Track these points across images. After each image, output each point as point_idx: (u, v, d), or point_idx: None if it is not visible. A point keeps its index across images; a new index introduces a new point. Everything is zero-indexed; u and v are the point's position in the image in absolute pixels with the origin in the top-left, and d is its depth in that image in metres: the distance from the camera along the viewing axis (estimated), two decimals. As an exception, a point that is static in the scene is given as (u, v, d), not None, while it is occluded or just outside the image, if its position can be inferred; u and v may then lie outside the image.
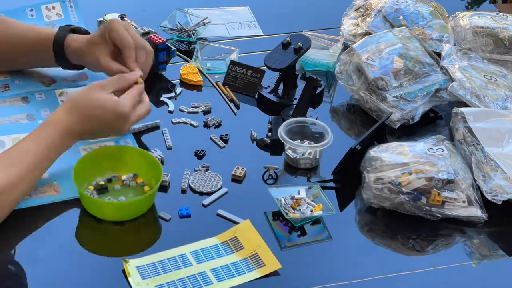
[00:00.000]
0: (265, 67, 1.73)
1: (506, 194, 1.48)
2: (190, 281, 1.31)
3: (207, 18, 1.96)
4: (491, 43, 1.82)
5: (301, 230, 1.43)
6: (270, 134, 1.64)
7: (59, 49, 1.63)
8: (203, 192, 1.50)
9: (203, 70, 1.83)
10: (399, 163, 1.48)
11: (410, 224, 1.46)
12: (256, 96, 1.77)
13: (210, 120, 1.68)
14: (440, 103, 1.72)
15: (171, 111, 1.71)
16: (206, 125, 1.67)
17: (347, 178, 1.55)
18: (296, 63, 1.76)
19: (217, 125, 1.67)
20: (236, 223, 1.43)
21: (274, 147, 1.62)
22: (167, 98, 1.74)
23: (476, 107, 1.65)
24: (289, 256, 1.38)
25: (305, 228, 1.44)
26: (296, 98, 1.72)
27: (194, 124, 1.67)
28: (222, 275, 1.33)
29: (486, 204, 1.48)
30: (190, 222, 1.44)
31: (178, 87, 1.78)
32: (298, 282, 1.35)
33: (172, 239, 1.39)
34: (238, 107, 1.74)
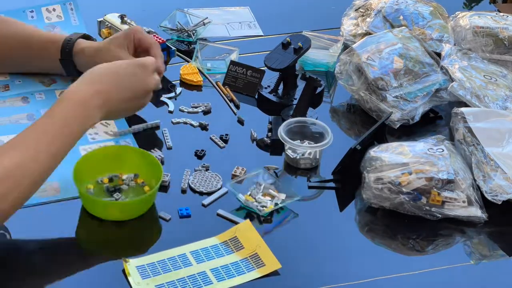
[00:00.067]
0: (265, 67, 1.73)
1: (506, 194, 1.48)
2: (190, 281, 1.31)
3: (207, 18, 1.96)
4: (491, 43, 1.82)
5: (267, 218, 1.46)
6: (270, 134, 1.64)
7: (68, 49, 1.63)
8: (203, 192, 1.50)
9: (203, 70, 1.83)
10: (399, 163, 1.48)
11: (410, 224, 1.46)
12: (256, 96, 1.77)
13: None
14: (440, 103, 1.72)
15: (171, 111, 1.71)
16: (203, 127, 1.67)
17: (347, 178, 1.55)
18: (296, 63, 1.76)
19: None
20: (236, 223, 1.43)
21: (274, 147, 1.62)
22: (167, 98, 1.74)
23: (476, 107, 1.65)
24: (289, 256, 1.38)
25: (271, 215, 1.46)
26: (296, 98, 1.72)
27: (194, 124, 1.67)
28: (222, 275, 1.33)
29: (486, 204, 1.48)
30: (190, 222, 1.44)
31: (178, 87, 1.78)
32: (298, 282, 1.35)
33: (172, 239, 1.39)
34: (238, 107, 1.74)
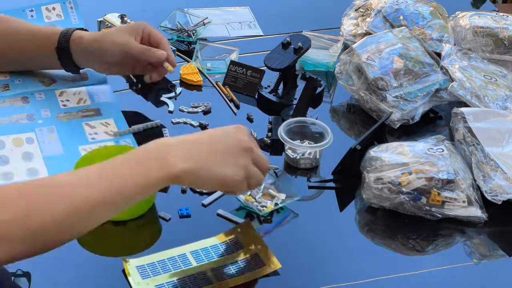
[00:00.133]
0: (265, 67, 1.73)
1: (506, 194, 1.48)
2: (190, 281, 1.31)
3: (207, 18, 1.96)
4: (491, 43, 1.82)
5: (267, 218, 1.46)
6: (270, 134, 1.64)
7: (66, 38, 1.63)
8: (203, 192, 1.50)
9: (203, 70, 1.83)
10: (399, 163, 1.48)
11: (410, 224, 1.46)
12: (256, 96, 1.77)
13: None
14: (440, 103, 1.72)
15: (171, 111, 1.71)
16: (203, 127, 1.67)
17: (347, 178, 1.55)
18: (296, 63, 1.76)
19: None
20: (236, 223, 1.43)
21: (274, 147, 1.62)
22: (167, 98, 1.74)
23: (476, 107, 1.65)
24: (289, 256, 1.38)
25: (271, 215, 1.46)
26: (296, 98, 1.72)
27: (194, 124, 1.67)
28: (222, 275, 1.33)
29: (486, 204, 1.48)
30: (190, 222, 1.44)
31: (178, 87, 1.78)
32: (298, 282, 1.34)
33: (172, 239, 1.39)
34: (238, 107, 1.74)
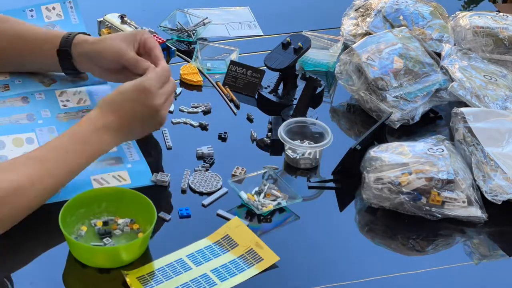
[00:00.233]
0: (265, 67, 1.73)
1: (506, 194, 1.48)
2: (193, 284, 1.30)
3: (207, 18, 1.96)
4: (491, 43, 1.82)
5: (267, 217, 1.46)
6: (270, 134, 1.64)
7: (68, 40, 1.62)
8: (203, 192, 1.50)
9: (203, 70, 1.83)
10: (399, 163, 1.48)
11: (410, 224, 1.46)
12: (256, 96, 1.77)
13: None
14: (440, 103, 1.72)
15: (171, 111, 1.71)
16: (203, 127, 1.67)
17: (347, 178, 1.55)
18: (296, 63, 1.76)
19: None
20: (234, 222, 1.43)
21: (274, 147, 1.62)
22: (167, 98, 1.74)
23: (476, 107, 1.65)
24: (289, 256, 1.38)
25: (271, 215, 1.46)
26: (296, 98, 1.72)
27: (194, 124, 1.67)
28: (224, 275, 1.32)
29: (486, 204, 1.48)
30: (190, 222, 1.44)
31: (178, 87, 1.78)
32: (298, 282, 1.35)
33: (172, 239, 1.39)
34: (238, 107, 1.74)
